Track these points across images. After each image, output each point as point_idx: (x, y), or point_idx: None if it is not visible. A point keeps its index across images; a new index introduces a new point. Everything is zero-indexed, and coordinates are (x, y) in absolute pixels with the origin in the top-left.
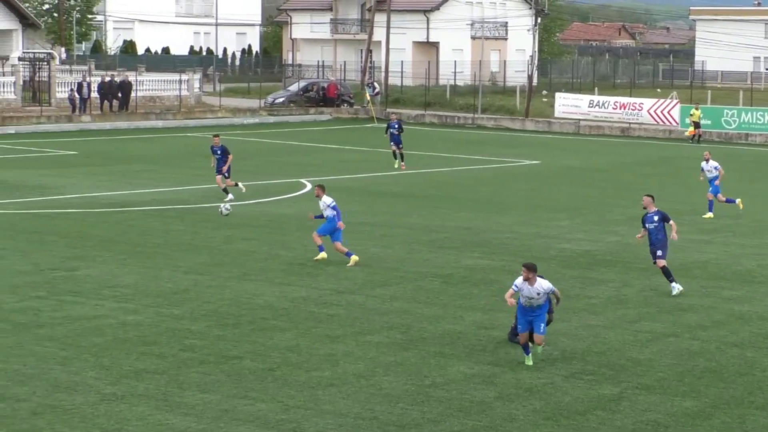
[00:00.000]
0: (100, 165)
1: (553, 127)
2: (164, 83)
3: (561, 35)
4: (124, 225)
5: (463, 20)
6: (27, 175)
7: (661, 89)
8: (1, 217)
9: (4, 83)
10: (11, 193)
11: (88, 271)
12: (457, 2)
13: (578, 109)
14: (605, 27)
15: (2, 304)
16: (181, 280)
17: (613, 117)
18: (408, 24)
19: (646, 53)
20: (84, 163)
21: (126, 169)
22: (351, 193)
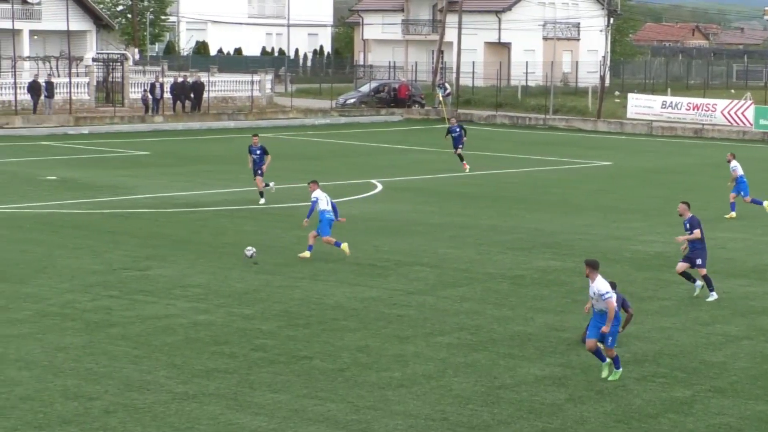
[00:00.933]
0: (172, 165)
1: (626, 128)
2: (236, 84)
3: (634, 36)
4: (195, 225)
5: (535, 21)
6: (100, 175)
7: (734, 90)
8: (75, 216)
9: (79, 84)
10: (85, 192)
11: (160, 270)
12: (529, 3)
13: (651, 110)
14: (678, 27)
15: (76, 303)
16: (252, 280)
17: (686, 118)
18: (479, 25)
19: (720, 54)
20: (156, 164)
21: (198, 170)
22: (422, 194)
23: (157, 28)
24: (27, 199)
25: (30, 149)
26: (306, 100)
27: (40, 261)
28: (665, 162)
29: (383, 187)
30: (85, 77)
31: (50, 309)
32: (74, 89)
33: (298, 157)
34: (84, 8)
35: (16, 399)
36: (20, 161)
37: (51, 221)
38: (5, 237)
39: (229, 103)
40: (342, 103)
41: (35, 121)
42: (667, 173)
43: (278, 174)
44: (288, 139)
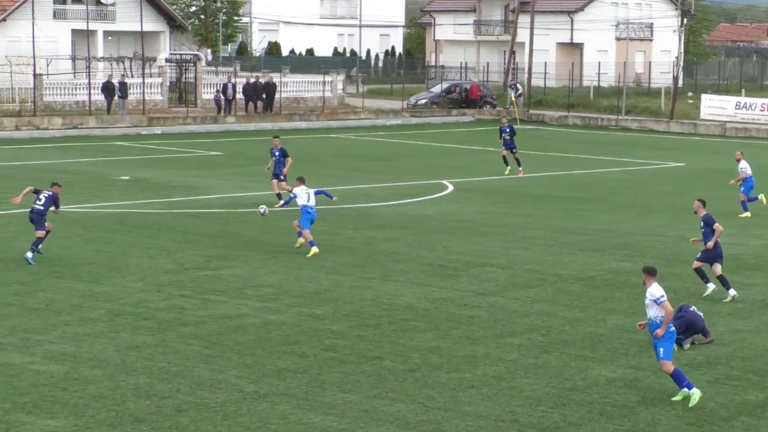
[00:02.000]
0: (244, 165)
1: (699, 129)
2: (308, 84)
3: (707, 36)
4: (267, 225)
5: (608, 21)
6: (173, 175)
7: None
8: (148, 216)
9: (152, 84)
10: (157, 192)
11: (231, 270)
12: (602, 3)
13: (724, 111)
14: (753, 28)
15: (148, 302)
16: (323, 280)
17: (761, 119)
18: (552, 25)
19: None
20: (228, 164)
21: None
22: (492, 195)
23: (229, 29)
24: (100, 199)
25: (103, 149)
26: (377, 101)
27: (113, 260)
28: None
29: (454, 188)
30: (159, 78)
31: (123, 308)
32: (147, 90)
33: (369, 157)
34: (158, 9)
35: (89, 397)
36: (94, 161)
37: (124, 221)
38: (79, 236)
39: (301, 103)
40: (413, 103)
41: (109, 122)
42: None
43: (350, 174)
44: (359, 140)
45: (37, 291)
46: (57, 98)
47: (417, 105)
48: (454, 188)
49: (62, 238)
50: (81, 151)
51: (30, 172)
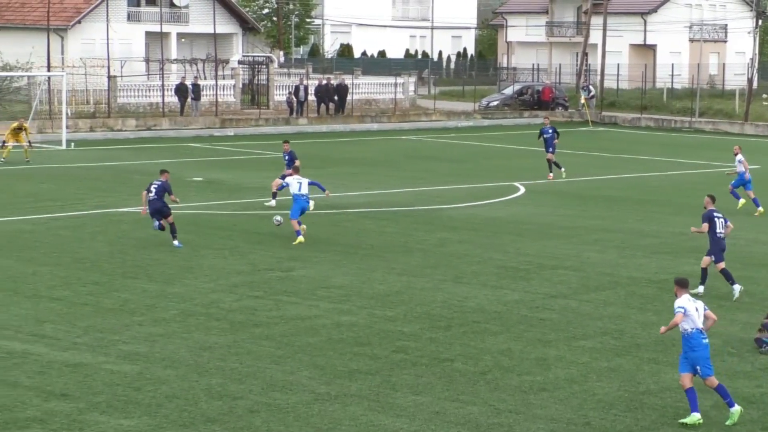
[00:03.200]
0: (316, 167)
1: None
2: (380, 86)
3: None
4: (339, 226)
5: (681, 22)
6: (245, 176)
7: None
8: (221, 217)
9: (225, 86)
10: (230, 194)
11: (303, 271)
12: (676, 4)
13: None
14: None
15: (221, 303)
16: (395, 282)
17: None
18: (624, 26)
19: None
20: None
21: (341, 172)
22: (565, 197)
23: (302, 31)
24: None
25: (177, 150)
26: (449, 103)
27: (186, 261)
28: None
29: (526, 190)
30: (231, 80)
31: (195, 309)
32: (220, 91)
33: (440, 159)
34: (230, 11)
35: (162, 397)
36: (167, 162)
37: (197, 222)
38: (153, 237)
39: (373, 105)
40: (485, 105)
41: (182, 123)
42: None
43: (421, 176)
44: (430, 142)
45: (111, 291)
46: (131, 100)
47: (489, 107)
48: (526, 190)
49: (137, 239)
50: (154, 153)
51: (104, 173)
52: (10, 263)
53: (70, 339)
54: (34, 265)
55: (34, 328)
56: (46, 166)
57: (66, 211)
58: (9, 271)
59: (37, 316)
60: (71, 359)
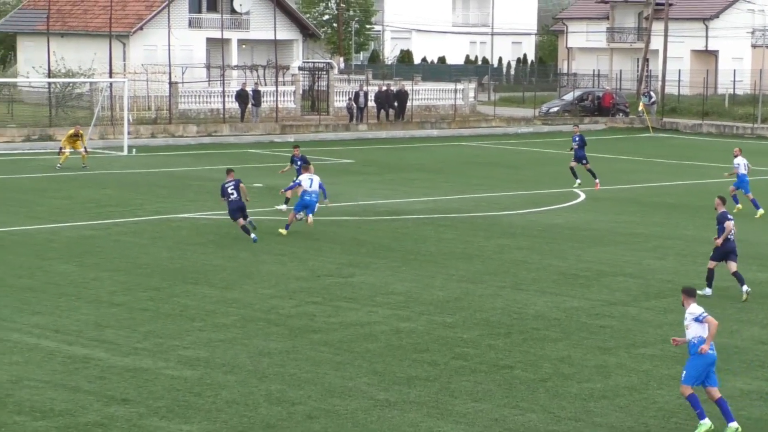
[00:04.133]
0: (375, 173)
1: None
2: (439, 92)
3: None
4: (398, 233)
5: (744, 28)
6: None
7: None
8: (281, 223)
9: (285, 92)
10: (290, 200)
11: (362, 277)
12: (738, 10)
13: None
14: None
15: (280, 309)
16: (454, 289)
17: None
18: (686, 32)
19: None
20: (360, 172)
21: (401, 178)
22: (625, 204)
23: (362, 37)
24: None
25: (237, 156)
26: (509, 109)
27: (245, 267)
28: None
29: (586, 197)
30: (291, 86)
31: (255, 314)
32: (280, 98)
33: (500, 165)
34: (291, 18)
35: (222, 402)
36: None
37: (258, 228)
38: (213, 243)
39: (432, 111)
40: (545, 111)
41: (242, 129)
42: None
43: (481, 182)
44: (490, 148)
45: (171, 297)
46: (192, 106)
47: (549, 113)
48: (586, 197)
49: (196, 245)
50: (215, 159)
51: (165, 179)
52: (71, 269)
53: (130, 344)
54: (95, 270)
55: (95, 333)
56: (108, 172)
57: (127, 216)
58: (70, 277)
59: (98, 321)
60: (131, 364)
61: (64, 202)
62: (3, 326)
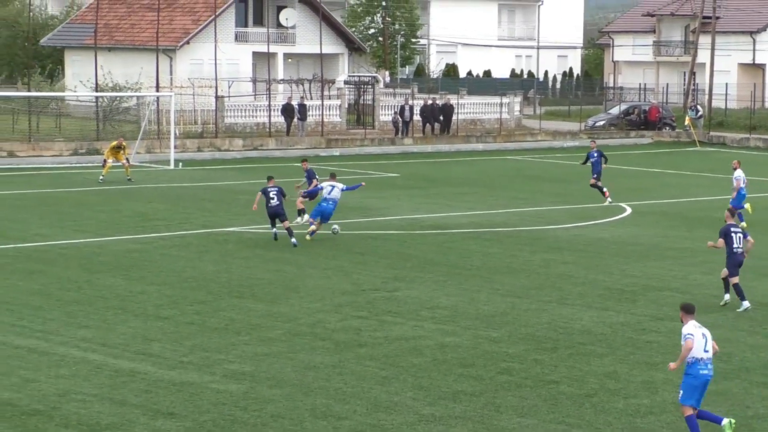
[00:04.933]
0: (421, 187)
1: None
2: (485, 106)
3: None
4: (443, 247)
5: None
6: (350, 196)
7: None
8: (326, 237)
9: (330, 106)
10: (335, 214)
11: (407, 291)
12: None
13: None
14: None
15: (325, 323)
16: (499, 303)
17: None
18: (733, 45)
19: None
20: (405, 185)
21: (446, 192)
22: (671, 218)
23: (407, 51)
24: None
25: (283, 170)
26: (554, 123)
27: (291, 280)
28: None
29: (632, 211)
30: (337, 100)
31: (301, 328)
32: (326, 111)
33: (546, 179)
34: (337, 32)
35: (268, 416)
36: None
37: (302, 241)
38: (259, 257)
39: (478, 125)
40: (591, 125)
41: (288, 143)
42: None
43: (527, 196)
44: (536, 162)
45: (217, 311)
46: (238, 120)
47: (595, 127)
48: (632, 211)
49: (242, 258)
50: (260, 172)
51: (211, 192)
52: (118, 282)
53: (176, 358)
54: (141, 284)
55: (142, 346)
56: (154, 186)
57: (173, 230)
58: (117, 290)
59: (145, 335)
60: (178, 378)
61: (111, 216)
62: (50, 339)
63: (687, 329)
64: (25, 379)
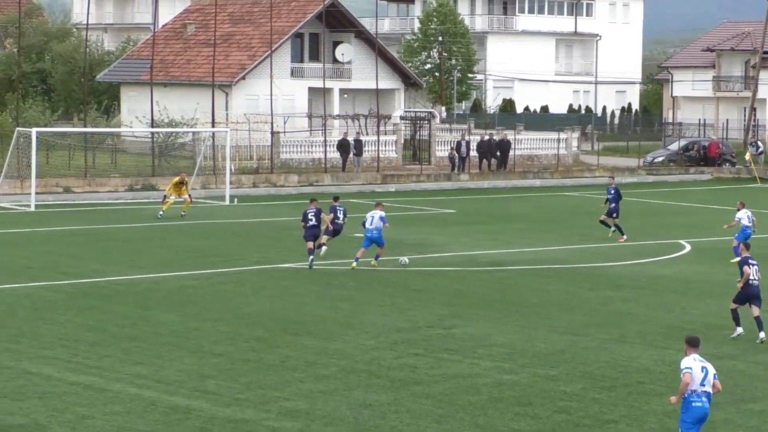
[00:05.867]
0: (477, 223)
1: None
2: (542, 142)
3: None
4: (500, 283)
5: None
6: (406, 232)
7: None
8: (382, 273)
9: (386, 142)
10: (391, 250)
11: (464, 329)
12: None
13: None
14: None
15: (381, 360)
16: (557, 341)
17: None
18: None
19: None
20: (462, 222)
21: (503, 228)
22: (732, 255)
23: (464, 86)
24: (339, 256)
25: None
26: (612, 159)
27: (347, 317)
28: None
29: (691, 248)
30: (393, 135)
31: (356, 365)
32: (382, 147)
33: None
34: (393, 67)
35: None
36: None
37: (359, 277)
38: (314, 293)
39: (535, 161)
40: (650, 161)
41: (344, 179)
42: None
43: (585, 233)
44: (594, 198)
45: (273, 347)
46: (293, 155)
47: (654, 163)
48: (692, 248)
49: (298, 295)
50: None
51: (266, 228)
52: (173, 318)
53: (232, 395)
54: (197, 320)
55: (197, 383)
56: (210, 222)
57: (229, 266)
58: (172, 326)
59: (200, 372)
60: (233, 415)
61: (166, 252)
62: (105, 376)
63: (686, 362)
64: (81, 415)
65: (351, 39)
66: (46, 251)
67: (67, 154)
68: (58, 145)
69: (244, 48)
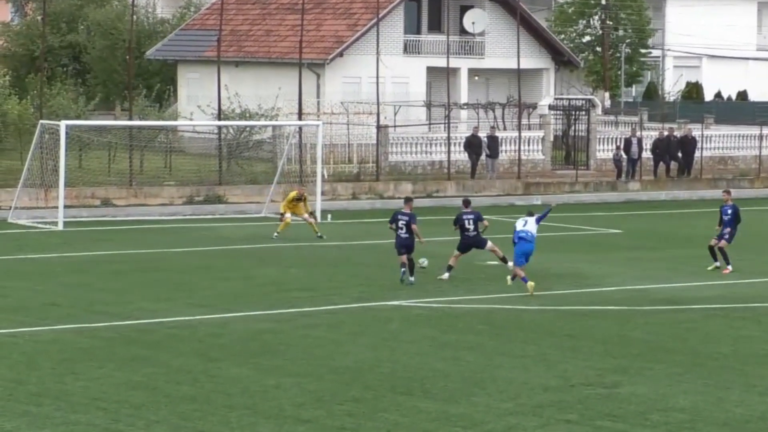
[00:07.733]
0: (651, 248)
1: None
2: (739, 139)
3: None
4: (680, 328)
5: None
6: (556, 259)
7: None
8: (522, 314)
9: (530, 139)
10: (536, 282)
11: (632, 388)
12: None
13: None
14: None
15: (521, 429)
16: (757, 404)
17: None
18: None
19: None
20: (630, 246)
21: (685, 254)
22: None
23: (635, 66)
24: (459, 290)
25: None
26: None
27: (475, 372)
28: None
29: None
30: (539, 130)
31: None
32: (524, 146)
33: None
34: (540, 40)
35: None
36: (450, 241)
37: (491, 320)
38: (433, 339)
39: (729, 165)
40: None
41: (473, 188)
42: None
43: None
44: None
45: (376, 412)
46: (406, 157)
47: None
48: None
49: (410, 342)
50: (437, 227)
51: (369, 254)
52: (246, 373)
53: None
54: (276, 375)
55: None
56: (294, 245)
57: (318, 304)
58: (245, 383)
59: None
60: None
61: (236, 285)
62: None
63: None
64: None
65: (484, 3)
66: (77, 284)
67: (106, 156)
68: (94, 143)
69: (341, 15)
